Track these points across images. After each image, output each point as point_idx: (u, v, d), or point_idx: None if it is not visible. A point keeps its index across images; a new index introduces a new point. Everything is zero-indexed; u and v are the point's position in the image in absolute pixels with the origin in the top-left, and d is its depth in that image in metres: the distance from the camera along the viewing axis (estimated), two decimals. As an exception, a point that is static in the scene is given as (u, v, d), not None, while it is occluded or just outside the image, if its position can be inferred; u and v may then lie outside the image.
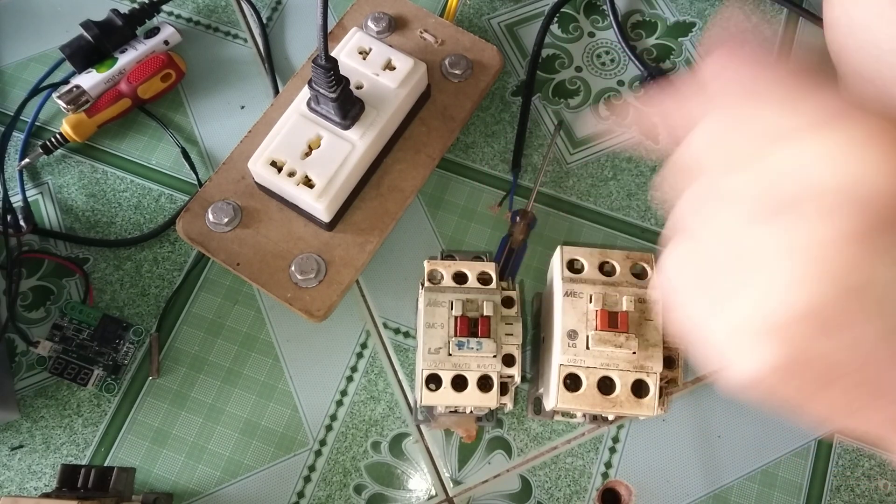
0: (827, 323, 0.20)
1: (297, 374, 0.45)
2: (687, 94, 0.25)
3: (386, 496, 0.42)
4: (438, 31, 0.49)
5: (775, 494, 0.43)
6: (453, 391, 0.36)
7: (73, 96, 0.48)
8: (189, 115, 0.51)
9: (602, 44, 0.53)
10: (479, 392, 0.36)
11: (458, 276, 0.38)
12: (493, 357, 0.36)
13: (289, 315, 0.45)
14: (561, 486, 0.43)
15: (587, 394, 0.35)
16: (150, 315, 0.46)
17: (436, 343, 0.36)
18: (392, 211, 0.45)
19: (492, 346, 0.36)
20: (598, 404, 0.35)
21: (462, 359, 0.36)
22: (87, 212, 0.48)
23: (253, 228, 0.44)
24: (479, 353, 0.36)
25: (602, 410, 0.35)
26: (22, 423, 0.43)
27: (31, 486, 0.42)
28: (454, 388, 0.36)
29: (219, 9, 0.54)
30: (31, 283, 0.46)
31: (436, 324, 0.36)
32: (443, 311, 0.36)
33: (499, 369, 0.36)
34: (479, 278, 0.38)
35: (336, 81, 0.39)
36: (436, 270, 0.38)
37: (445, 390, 0.36)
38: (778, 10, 0.54)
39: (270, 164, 0.42)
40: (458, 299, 0.37)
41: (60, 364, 0.44)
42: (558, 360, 0.36)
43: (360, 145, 0.42)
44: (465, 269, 0.38)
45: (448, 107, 0.48)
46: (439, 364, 0.36)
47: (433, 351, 0.36)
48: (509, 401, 0.38)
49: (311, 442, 0.43)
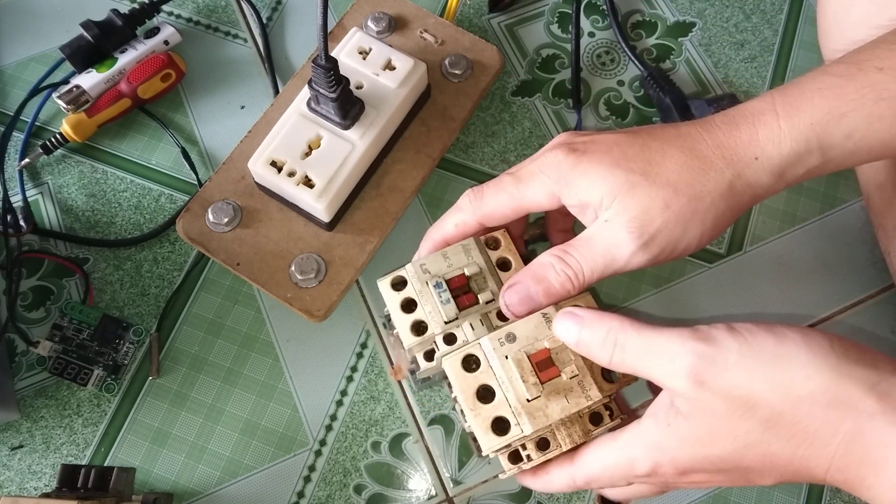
0: None
1: (297, 374, 0.45)
2: None
3: (386, 496, 0.42)
4: (438, 31, 0.49)
5: (775, 494, 0.43)
6: (403, 312, 0.33)
7: (73, 96, 0.48)
8: (189, 115, 0.51)
9: (602, 44, 0.53)
10: (414, 335, 0.33)
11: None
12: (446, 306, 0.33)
13: (289, 315, 0.45)
14: (561, 486, 0.43)
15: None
16: (150, 315, 0.46)
17: (435, 266, 0.34)
18: (392, 211, 0.45)
19: (452, 310, 0.33)
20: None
21: (428, 297, 0.33)
22: (87, 212, 0.48)
23: (253, 228, 0.44)
24: (442, 304, 0.33)
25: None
26: (22, 423, 0.43)
27: (31, 486, 0.42)
28: (404, 309, 0.34)
29: (219, 9, 0.54)
30: (31, 283, 0.46)
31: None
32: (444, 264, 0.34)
33: (442, 328, 0.33)
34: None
35: (336, 81, 0.39)
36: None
37: (396, 297, 0.34)
38: (778, 9, 0.54)
39: (270, 164, 0.42)
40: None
41: (60, 364, 0.44)
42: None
43: (360, 145, 0.42)
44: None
45: (448, 107, 0.48)
46: (419, 277, 0.34)
47: (424, 270, 0.34)
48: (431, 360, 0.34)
49: (311, 442, 0.43)
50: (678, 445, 0.28)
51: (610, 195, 0.30)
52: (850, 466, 0.26)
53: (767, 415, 0.27)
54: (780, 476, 0.28)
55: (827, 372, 0.26)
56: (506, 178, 0.34)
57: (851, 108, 0.30)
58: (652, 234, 0.30)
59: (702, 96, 0.51)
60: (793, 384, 0.26)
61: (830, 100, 0.30)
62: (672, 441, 0.28)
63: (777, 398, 0.26)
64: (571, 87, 0.51)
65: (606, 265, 0.31)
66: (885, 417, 0.25)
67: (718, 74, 0.52)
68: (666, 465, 0.29)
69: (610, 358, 0.30)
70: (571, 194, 0.32)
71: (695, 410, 0.28)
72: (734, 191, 0.31)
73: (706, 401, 0.27)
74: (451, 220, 0.35)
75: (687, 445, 0.28)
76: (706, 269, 0.48)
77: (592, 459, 0.31)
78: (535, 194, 0.33)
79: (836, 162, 0.31)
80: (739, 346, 0.27)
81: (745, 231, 0.48)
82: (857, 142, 0.30)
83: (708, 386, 0.27)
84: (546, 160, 0.32)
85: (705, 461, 0.28)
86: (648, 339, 0.29)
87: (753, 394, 0.27)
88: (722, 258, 0.48)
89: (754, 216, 0.49)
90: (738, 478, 0.29)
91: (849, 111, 0.30)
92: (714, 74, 0.52)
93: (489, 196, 0.34)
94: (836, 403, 0.26)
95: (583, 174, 0.31)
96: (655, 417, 0.29)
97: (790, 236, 0.48)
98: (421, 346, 0.34)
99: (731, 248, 0.48)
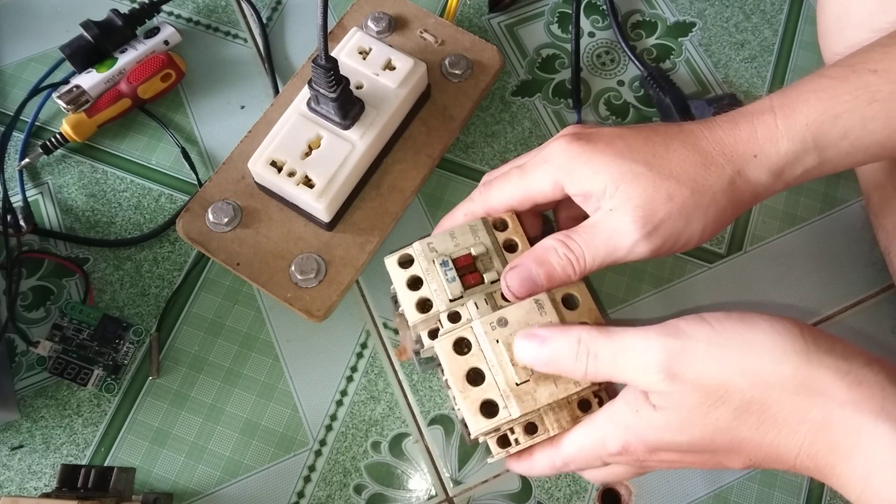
0: None
1: (297, 374, 0.45)
2: None
3: (386, 496, 0.42)
4: (438, 31, 0.49)
5: (775, 494, 0.43)
6: (409, 289, 0.34)
7: (73, 96, 0.48)
8: (189, 115, 0.51)
9: (602, 44, 0.53)
10: (419, 313, 0.34)
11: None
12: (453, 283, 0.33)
13: (289, 315, 0.45)
14: (561, 486, 0.43)
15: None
16: (150, 315, 0.46)
17: (442, 245, 0.34)
18: (392, 211, 0.45)
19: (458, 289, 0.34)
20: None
21: (434, 275, 0.34)
22: (87, 212, 0.48)
23: (253, 228, 0.44)
24: (448, 283, 0.33)
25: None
26: (22, 423, 0.43)
27: (31, 486, 0.42)
28: (410, 287, 0.34)
29: (219, 9, 0.54)
30: (31, 283, 0.46)
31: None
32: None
33: (447, 306, 0.34)
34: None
35: (336, 81, 0.39)
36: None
37: (402, 274, 0.34)
38: (778, 9, 0.54)
39: (270, 164, 0.42)
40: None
41: (60, 364, 0.44)
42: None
43: (360, 145, 0.42)
44: None
45: (448, 107, 0.48)
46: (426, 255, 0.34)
47: (431, 248, 0.34)
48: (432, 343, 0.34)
49: (311, 442, 0.43)
50: (648, 430, 0.29)
51: (613, 184, 0.31)
52: (819, 454, 0.26)
53: (738, 402, 0.27)
54: (750, 460, 0.28)
55: (796, 358, 0.27)
56: (513, 172, 0.35)
57: (845, 108, 0.30)
58: (655, 224, 0.30)
59: (702, 96, 0.51)
60: (762, 371, 0.27)
61: (825, 101, 0.30)
62: (641, 425, 0.29)
63: (747, 385, 0.27)
64: (571, 87, 0.51)
65: (608, 253, 0.31)
66: (855, 406, 0.26)
67: (718, 74, 0.52)
68: (635, 443, 0.29)
69: (585, 370, 0.30)
70: (574, 182, 0.32)
71: (668, 403, 0.28)
72: (735, 187, 0.31)
73: (679, 393, 0.28)
74: (461, 211, 0.36)
75: (656, 431, 0.29)
76: (706, 269, 0.48)
77: (569, 441, 0.32)
78: (540, 183, 0.33)
79: (833, 163, 0.31)
80: (708, 336, 0.28)
81: (745, 231, 0.48)
82: (853, 142, 0.31)
83: (679, 378, 0.27)
84: (551, 149, 0.33)
85: (673, 444, 0.29)
86: (619, 341, 0.29)
87: (724, 382, 0.27)
88: (722, 258, 0.48)
89: (754, 216, 0.49)
90: (708, 460, 0.29)
91: (843, 112, 0.30)
92: (714, 74, 0.52)
93: (496, 187, 0.35)
94: (805, 390, 0.26)
95: (587, 162, 0.32)
96: (626, 401, 0.30)
97: (790, 236, 0.48)
98: (425, 324, 0.34)
99: (731, 248, 0.48)
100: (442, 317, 0.34)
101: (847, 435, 0.26)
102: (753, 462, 0.28)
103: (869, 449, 0.25)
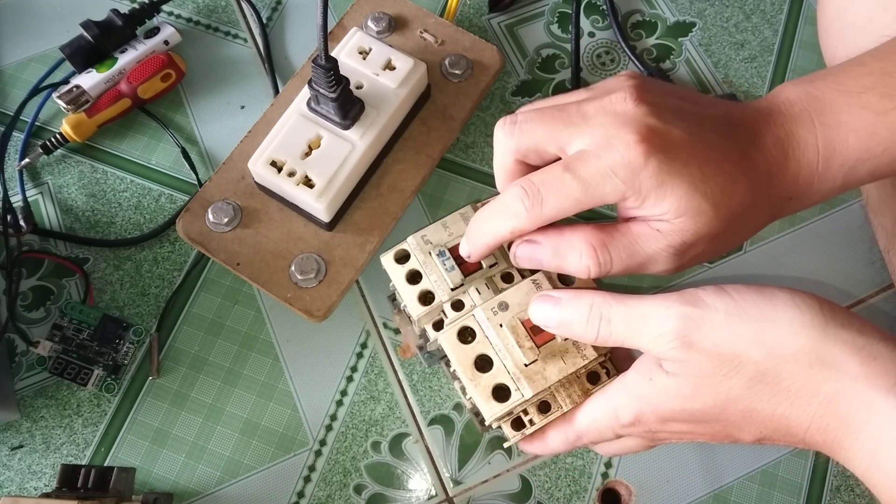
0: None
1: (297, 374, 0.45)
2: None
3: (386, 496, 0.42)
4: (438, 31, 0.49)
5: (775, 494, 0.43)
6: (409, 284, 0.34)
7: (73, 96, 0.48)
8: (189, 115, 0.51)
9: (602, 44, 0.53)
10: (422, 305, 0.34)
11: None
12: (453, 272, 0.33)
13: (289, 315, 0.45)
14: (561, 486, 0.43)
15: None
16: (150, 315, 0.46)
17: (436, 236, 0.35)
18: (392, 211, 0.45)
19: (458, 277, 0.33)
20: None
21: (433, 267, 0.34)
22: (87, 212, 0.48)
23: (253, 228, 0.44)
24: (447, 272, 0.33)
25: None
26: (22, 423, 0.43)
27: (31, 486, 0.42)
28: (409, 281, 0.34)
29: (219, 9, 0.54)
30: (31, 283, 0.46)
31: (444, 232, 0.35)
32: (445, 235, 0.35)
33: (448, 296, 0.34)
34: None
35: (336, 81, 0.39)
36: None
37: (400, 270, 0.34)
38: (778, 9, 0.54)
39: (270, 164, 0.42)
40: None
41: (60, 364, 0.44)
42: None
43: (360, 145, 0.42)
44: None
45: (448, 107, 0.48)
46: (421, 248, 0.34)
47: (426, 241, 0.34)
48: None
49: (311, 442, 0.43)
50: (661, 398, 0.29)
51: (674, 212, 0.29)
52: (829, 428, 0.26)
53: (752, 373, 0.27)
54: (760, 433, 0.28)
55: (813, 332, 0.27)
56: (569, 182, 0.29)
57: (881, 149, 0.30)
58: (689, 257, 0.30)
59: (702, 96, 0.51)
60: (778, 343, 0.27)
61: (864, 140, 0.30)
62: (654, 393, 0.29)
63: (762, 356, 0.27)
64: (571, 87, 0.51)
65: (633, 270, 0.31)
66: (868, 381, 0.26)
67: (718, 74, 0.52)
68: (648, 413, 0.29)
69: (596, 334, 0.30)
70: (637, 204, 0.29)
71: (681, 370, 0.28)
72: (761, 223, 0.32)
73: (694, 361, 0.27)
74: (506, 225, 0.31)
75: (669, 399, 0.29)
76: (706, 269, 0.48)
77: (582, 415, 0.32)
78: (606, 198, 0.29)
79: (848, 188, 0.32)
80: (727, 306, 0.28)
81: (745, 231, 0.48)
82: (874, 175, 0.31)
83: (696, 347, 0.27)
84: (615, 158, 0.28)
85: (684, 413, 0.29)
86: (634, 308, 0.29)
87: (739, 352, 0.27)
88: (722, 258, 0.48)
89: (754, 216, 0.49)
90: (719, 431, 0.29)
91: (879, 153, 0.30)
92: (714, 74, 0.52)
93: (552, 204, 0.30)
94: (819, 364, 0.26)
95: (658, 186, 0.28)
96: (639, 371, 0.30)
97: (790, 236, 0.48)
98: (429, 317, 0.34)
99: (731, 248, 0.48)
100: (445, 306, 0.34)
101: (858, 409, 0.26)
102: (764, 435, 0.28)
103: (878, 424, 0.25)
